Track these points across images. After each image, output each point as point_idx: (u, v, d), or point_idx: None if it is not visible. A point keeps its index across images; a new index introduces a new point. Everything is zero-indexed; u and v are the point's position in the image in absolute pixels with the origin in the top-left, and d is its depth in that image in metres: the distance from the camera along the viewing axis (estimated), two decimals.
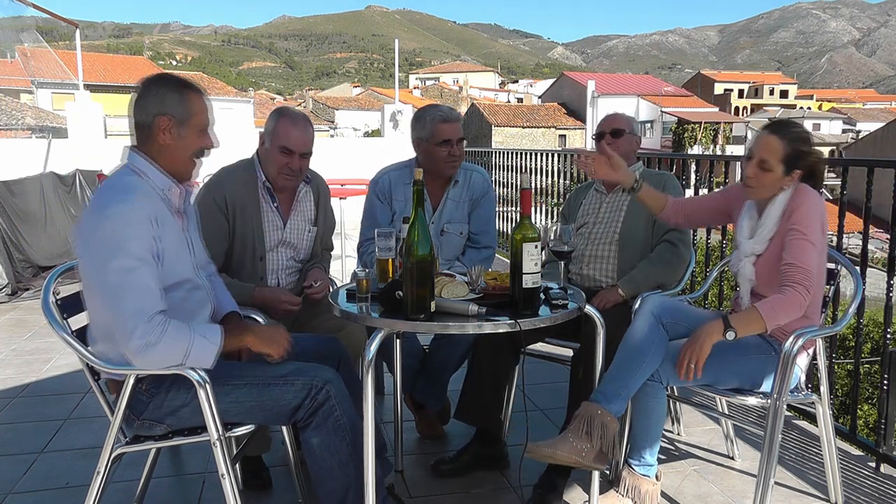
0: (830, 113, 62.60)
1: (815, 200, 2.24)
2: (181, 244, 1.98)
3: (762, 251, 2.31)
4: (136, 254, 1.79)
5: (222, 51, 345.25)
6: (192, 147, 1.97)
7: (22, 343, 4.41)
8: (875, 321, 8.17)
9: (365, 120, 48.93)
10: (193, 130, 1.96)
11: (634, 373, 2.23)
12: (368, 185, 3.07)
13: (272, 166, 2.62)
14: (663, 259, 2.77)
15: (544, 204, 6.61)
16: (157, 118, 1.91)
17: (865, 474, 2.70)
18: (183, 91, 1.95)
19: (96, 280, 1.84)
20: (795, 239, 2.20)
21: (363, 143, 14.77)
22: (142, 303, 1.79)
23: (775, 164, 2.26)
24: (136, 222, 1.80)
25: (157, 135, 1.92)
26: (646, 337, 2.25)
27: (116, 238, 1.78)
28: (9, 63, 14.77)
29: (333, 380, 1.99)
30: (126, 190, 1.85)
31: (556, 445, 2.13)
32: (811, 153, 2.30)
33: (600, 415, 2.15)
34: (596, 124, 3.01)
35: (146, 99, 1.92)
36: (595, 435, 2.13)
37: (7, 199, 5.98)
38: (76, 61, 11.17)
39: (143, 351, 1.79)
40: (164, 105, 1.91)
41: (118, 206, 1.81)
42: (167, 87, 1.93)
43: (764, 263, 2.31)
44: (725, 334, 2.15)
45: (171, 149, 1.94)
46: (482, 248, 3.03)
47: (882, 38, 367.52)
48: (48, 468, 2.72)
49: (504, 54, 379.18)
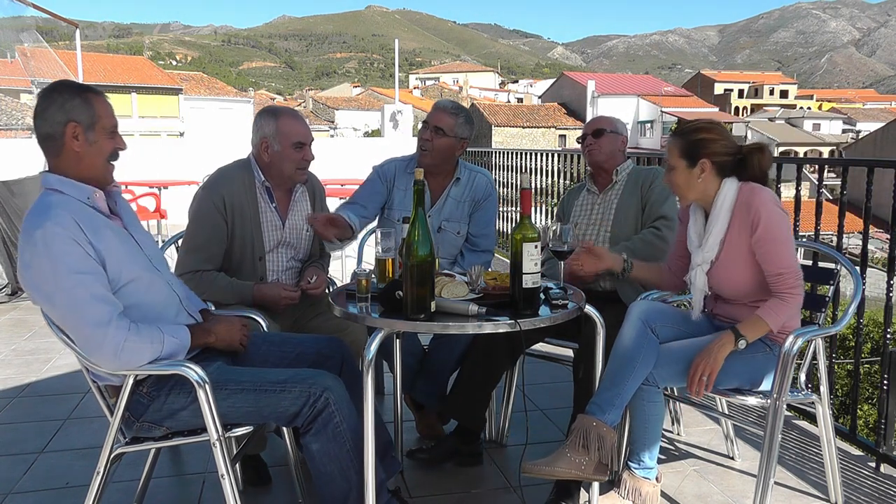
0: (830, 113, 62.59)
1: (765, 197, 2.19)
2: (126, 243, 1.97)
3: (714, 256, 2.28)
4: (73, 268, 1.79)
5: (222, 51, 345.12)
6: (106, 151, 1.94)
7: (22, 343, 4.41)
8: (875, 321, 8.16)
9: (365, 120, 48.93)
10: (103, 133, 1.92)
11: (626, 380, 2.22)
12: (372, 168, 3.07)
13: (289, 165, 2.62)
14: (645, 240, 2.76)
15: (544, 204, 6.61)
16: (66, 126, 1.86)
17: (865, 474, 2.70)
18: (85, 95, 1.90)
19: (50, 307, 1.86)
20: (771, 247, 2.18)
21: (363, 143, 14.78)
22: (99, 313, 1.80)
23: (676, 160, 2.29)
24: (58, 239, 1.79)
25: (68, 143, 1.88)
26: (634, 343, 2.25)
27: (50, 261, 1.79)
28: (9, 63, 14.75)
29: (333, 386, 1.99)
30: (42, 212, 1.83)
31: (555, 462, 2.13)
32: (710, 139, 2.26)
33: (596, 426, 2.15)
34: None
35: (49, 110, 1.87)
36: (592, 447, 2.13)
37: (7, 199, 5.97)
38: (76, 61, 11.17)
39: (118, 355, 1.81)
40: (69, 112, 1.87)
41: (38, 231, 1.79)
42: (68, 94, 1.88)
43: (720, 269, 2.28)
44: (738, 344, 2.17)
45: (84, 156, 1.90)
46: (481, 252, 3.02)
47: (882, 38, 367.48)
48: (48, 468, 2.71)
49: (504, 54, 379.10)
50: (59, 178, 1.91)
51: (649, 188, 2.84)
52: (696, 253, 2.34)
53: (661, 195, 2.83)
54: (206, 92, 43.78)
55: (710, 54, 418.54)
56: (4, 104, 17.26)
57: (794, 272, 2.17)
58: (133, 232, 2.05)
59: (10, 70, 15.68)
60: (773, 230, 2.17)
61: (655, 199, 2.83)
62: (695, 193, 2.30)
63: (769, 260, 2.18)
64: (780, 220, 2.19)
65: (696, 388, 2.17)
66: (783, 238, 2.18)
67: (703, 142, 2.26)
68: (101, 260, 1.86)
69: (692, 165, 2.26)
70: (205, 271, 2.60)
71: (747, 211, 2.20)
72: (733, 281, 2.28)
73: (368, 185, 3.00)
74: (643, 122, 46.36)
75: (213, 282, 2.59)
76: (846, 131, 56.94)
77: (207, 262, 2.61)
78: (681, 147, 2.29)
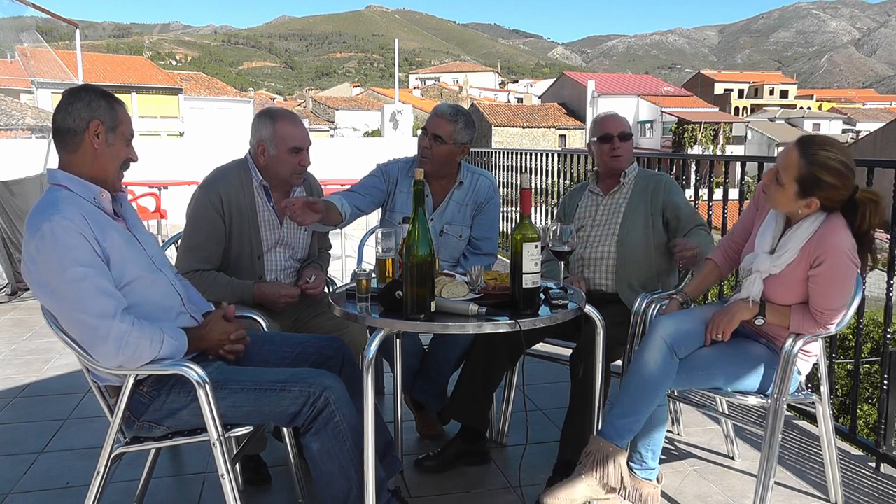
0: (830, 113, 62.63)
1: (840, 244, 2.08)
2: (129, 242, 1.98)
3: (777, 273, 2.22)
4: (80, 260, 1.80)
5: (222, 51, 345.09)
6: (121, 156, 1.98)
7: (22, 343, 4.41)
8: (875, 321, 8.16)
9: (365, 120, 48.95)
10: (122, 139, 1.97)
11: (648, 406, 2.22)
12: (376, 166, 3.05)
13: (285, 169, 2.62)
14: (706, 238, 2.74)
15: (544, 204, 6.60)
16: (90, 123, 1.90)
17: (865, 474, 2.70)
18: (110, 100, 1.96)
19: (53, 302, 1.86)
20: (823, 289, 2.14)
21: (363, 143, 14.77)
22: (104, 305, 1.81)
23: (788, 181, 2.12)
24: (67, 231, 1.80)
25: (89, 140, 1.91)
26: (660, 370, 2.20)
27: (57, 253, 1.79)
28: (9, 63, 14.74)
29: (333, 386, 1.99)
30: (49, 207, 1.84)
31: (573, 490, 2.15)
32: (835, 186, 2.07)
33: (612, 452, 2.17)
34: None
35: (75, 105, 1.91)
36: (609, 475, 2.16)
37: (7, 199, 5.97)
38: (76, 61, 11.16)
39: (120, 349, 1.82)
40: (94, 111, 1.91)
41: (46, 224, 1.80)
42: (94, 96, 1.94)
43: (776, 281, 2.23)
44: (755, 319, 2.21)
45: (100, 155, 1.93)
46: (484, 255, 3.01)
47: (882, 38, 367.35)
48: (48, 468, 2.71)
49: (504, 54, 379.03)
50: (67, 174, 1.92)
51: (666, 199, 2.80)
52: (764, 259, 2.23)
53: (687, 207, 2.83)
54: (205, 92, 43.81)
55: (710, 54, 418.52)
56: (4, 104, 17.23)
57: (833, 312, 2.16)
58: (136, 233, 2.06)
59: (10, 70, 15.67)
60: (830, 276, 2.11)
61: (686, 208, 2.81)
62: (783, 209, 2.21)
63: (817, 296, 2.16)
64: (844, 272, 2.11)
65: (709, 338, 2.26)
66: (837, 284, 2.13)
67: (825, 184, 2.08)
68: (106, 258, 1.87)
69: (802, 197, 2.12)
70: (204, 271, 2.60)
71: (818, 245, 2.12)
72: (780, 296, 2.24)
73: (369, 180, 2.99)
74: (643, 122, 46.36)
75: (213, 281, 2.58)
76: (846, 131, 56.97)
77: (206, 261, 2.61)
78: (801, 174, 2.09)
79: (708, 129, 44.22)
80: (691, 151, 34.78)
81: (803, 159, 2.09)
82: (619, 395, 2.27)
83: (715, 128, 44.92)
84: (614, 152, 2.83)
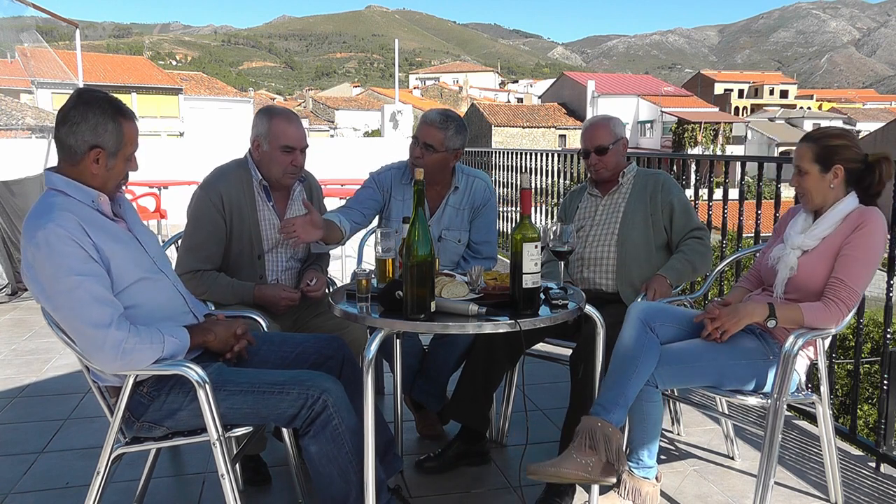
0: (830, 113, 62.58)
1: (878, 221, 2.25)
2: (130, 245, 1.98)
3: (812, 248, 2.31)
4: (74, 269, 1.80)
5: (222, 51, 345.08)
6: (120, 175, 1.97)
7: (22, 343, 4.41)
8: (875, 321, 8.17)
9: (365, 120, 48.97)
10: (122, 159, 1.95)
11: (629, 379, 2.21)
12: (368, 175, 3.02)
13: (276, 167, 2.61)
14: (697, 251, 2.77)
15: (544, 204, 6.60)
16: (91, 149, 1.88)
17: (865, 474, 2.70)
18: (118, 120, 1.91)
19: (51, 308, 1.86)
20: (851, 258, 2.22)
21: (363, 143, 14.76)
22: (99, 314, 1.80)
23: (808, 165, 2.30)
24: (60, 240, 1.79)
25: (87, 164, 1.90)
26: (635, 343, 2.25)
27: (52, 261, 1.79)
28: (9, 63, 14.74)
29: (331, 388, 1.98)
30: (44, 213, 1.84)
31: (561, 463, 2.11)
32: (843, 146, 2.28)
33: (601, 426, 2.14)
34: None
35: (80, 126, 1.87)
36: (599, 447, 2.12)
37: (7, 199, 5.97)
38: (76, 61, 11.17)
39: (119, 356, 1.81)
40: (99, 136, 1.88)
41: (40, 232, 1.80)
42: (103, 116, 1.88)
43: (808, 259, 2.31)
44: (767, 321, 2.22)
45: (98, 176, 1.93)
46: (483, 259, 2.98)
47: (882, 38, 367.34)
48: (48, 468, 2.71)
49: (504, 54, 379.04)
50: (64, 179, 1.91)
51: (664, 199, 2.81)
52: (795, 237, 2.35)
53: (685, 207, 2.83)
54: (206, 92, 43.81)
55: (710, 54, 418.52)
56: (4, 104, 17.23)
57: (853, 290, 2.21)
58: (137, 233, 2.06)
59: (10, 70, 15.66)
60: (862, 247, 2.22)
61: (682, 210, 2.82)
62: (821, 198, 2.32)
63: (841, 266, 2.23)
64: (875, 245, 2.23)
65: (708, 332, 2.27)
66: (865, 259, 2.22)
67: (837, 148, 2.28)
68: (106, 262, 1.87)
69: (825, 171, 2.29)
70: (205, 271, 2.60)
71: (861, 213, 2.25)
72: (813, 273, 2.30)
73: (363, 192, 2.96)
74: (643, 122, 46.37)
75: (213, 281, 2.59)
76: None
77: (207, 261, 2.61)
78: (814, 152, 2.30)
79: (708, 129, 44.23)
80: (691, 151, 34.78)
81: (810, 142, 2.33)
82: (605, 376, 2.27)
83: (715, 128, 44.92)
84: (594, 167, 2.88)
